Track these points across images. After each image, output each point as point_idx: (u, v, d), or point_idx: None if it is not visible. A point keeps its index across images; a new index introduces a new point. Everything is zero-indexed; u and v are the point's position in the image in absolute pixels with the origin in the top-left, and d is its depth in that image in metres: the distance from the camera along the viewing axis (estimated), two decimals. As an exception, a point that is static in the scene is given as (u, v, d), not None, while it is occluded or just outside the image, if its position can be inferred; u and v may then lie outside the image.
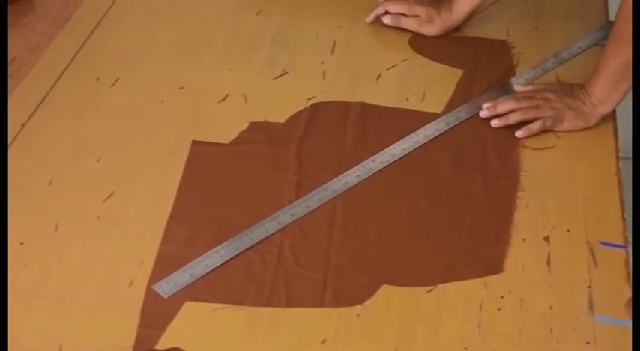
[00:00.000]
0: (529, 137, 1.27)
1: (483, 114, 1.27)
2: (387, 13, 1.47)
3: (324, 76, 1.40)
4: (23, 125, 1.29)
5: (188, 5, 1.59)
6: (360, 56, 1.44)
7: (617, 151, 1.26)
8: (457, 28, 1.50)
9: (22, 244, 1.11)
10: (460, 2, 1.44)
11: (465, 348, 1.00)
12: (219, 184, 1.20)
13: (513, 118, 1.26)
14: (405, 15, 1.46)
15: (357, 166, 1.23)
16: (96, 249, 1.11)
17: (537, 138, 1.28)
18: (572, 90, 1.28)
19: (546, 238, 1.13)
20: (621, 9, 1.21)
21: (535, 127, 1.25)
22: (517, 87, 1.33)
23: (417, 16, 1.46)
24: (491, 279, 1.08)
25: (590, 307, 1.04)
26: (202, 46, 1.48)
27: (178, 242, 1.11)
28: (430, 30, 1.46)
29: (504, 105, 1.27)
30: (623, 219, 1.15)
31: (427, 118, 1.31)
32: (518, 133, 1.25)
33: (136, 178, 1.21)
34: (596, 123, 1.27)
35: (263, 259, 1.09)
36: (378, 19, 1.48)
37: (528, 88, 1.32)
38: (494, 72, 1.40)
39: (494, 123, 1.26)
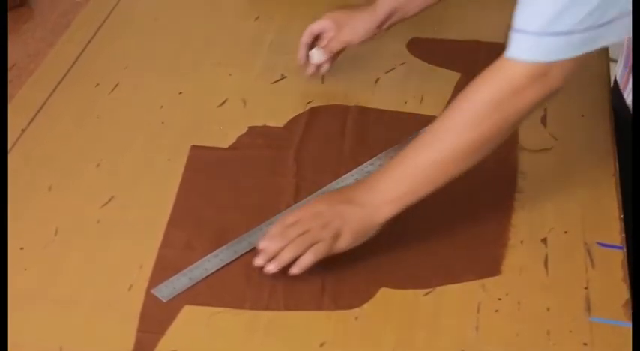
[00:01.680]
0: (526, 138, 1.27)
1: (257, 262, 1.06)
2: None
3: (322, 80, 1.40)
4: (23, 131, 1.30)
5: (186, 11, 1.59)
6: (359, 60, 1.45)
7: (615, 152, 1.27)
8: (455, 32, 1.50)
9: (22, 248, 1.11)
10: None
11: (463, 350, 1.00)
12: (219, 189, 1.21)
13: (286, 257, 1.05)
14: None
15: (355, 170, 1.23)
16: (95, 253, 1.12)
17: (535, 139, 1.28)
18: (345, 195, 1.09)
19: (544, 240, 1.13)
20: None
21: (306, 260, 1.05)
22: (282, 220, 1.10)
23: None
24: (489, 281, 1.08)
25: (588, 308, 1.04)
26: (201, 51, 1.48)
27: (177, 246, 1.12)
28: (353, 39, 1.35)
29: (271, 245, 1.06)
30: (621, 220, 1.16)
31: (425, 121, 1.31)
32: (292, 271, 1.05)
33: (136, 183, 1.22)
34: (374, 233, 1.08)
35: (262, 262, 1.09)
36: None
37: (296, 212, 1.09)
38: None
39: (270, 268, 1.05)
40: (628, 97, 1.27)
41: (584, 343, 1.01)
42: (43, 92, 1.38)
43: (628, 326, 1.01)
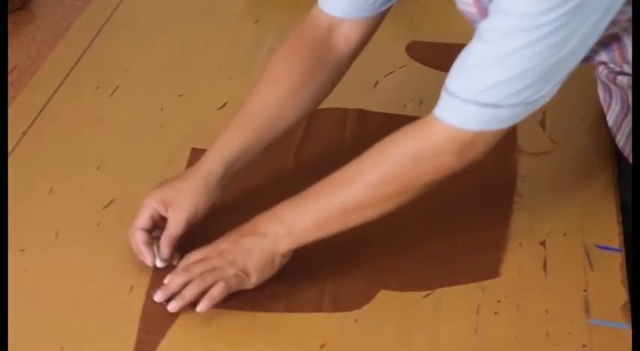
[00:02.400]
0: (525, 142, 1.28)
1: (158, 297, 1.02)
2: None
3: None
4: (24, 133, 1.30)
5: (187, 14, 1.60)
6: (358, 63, 1.44)
7: (614, 154, 1.27)
8: (454, 36, 1.50)
9: (23, 250, 1.12)
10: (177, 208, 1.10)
11: (462, 352, 1.01)
12: (218, 191, 1.21)
13: (189, 293, 1.01)
14: None
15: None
16: (96, 255, 1.12)
17: (534, 142, 1.29)
18: (250, 226, 1.06)
19: (543, 243, 1.14)
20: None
21: (216, 292, 1.01)
22: (187, 258, 1.06)
23: None
24: (488, 283, 1.08)
25: (586, 310, 1.05)
26: (201, 54, 1.49)
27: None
28: None
29: (174, 280, 1.03)
30: (619, 222, 1.16)
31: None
32: (200, 307, 1.01)
33: (136, 186, 1.22)
34: (281, 262, 1.04)
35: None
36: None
37: (202, 250, 1.06)
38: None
39: (172, 307, 1.01)
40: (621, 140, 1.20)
41: (584, 345, 1.01)
42: (43, 95, 1.38)
43: (627, 328, 1.02)
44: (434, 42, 1.52)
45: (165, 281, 1.04)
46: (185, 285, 1.03)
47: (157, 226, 1.09)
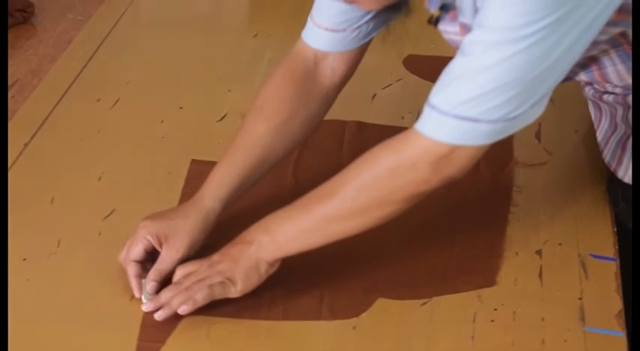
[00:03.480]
0: (521, 153, 1.29)
1: (146, 307, 1.05)
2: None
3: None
4: (26, 145, 1.32)
5: (187, 28, 1.62)
6: (356, 76, 1.45)
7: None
8: (451, 49, 1.52)
9: (25, 260, 1.13)
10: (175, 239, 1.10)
11: (459, 359, 1.02)
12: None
13: (176, 302, 1.03)
14: None
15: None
16: (97, 265, 1.13)
17: (529, 154, 1.30)
18: (240, 237, 1.07)
19: (538, 252, 1.15)
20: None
21: (199, 296, 1.03)
22: (179, 269, 1.08)
23: None
24: (485, 292, 1.09)
25: (582, 318, 1.06)
26: (201, 67, 1.51)
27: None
28: None
29: (165, 293, 1.05)
30: (614, 232, 1.17)
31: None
32: (181, 309, 1.03)
33: (137, 196, 1.23)
34: (267, 271, 1.05)
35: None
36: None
37: (192, 264, 1.07)
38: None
39: (159, 315, 1.03)
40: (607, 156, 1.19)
41: (579, 353, 1.02)
42: (45, 107, 1.40)
43: (622, 336, 1.03)
44: (430, 55, 1.53)
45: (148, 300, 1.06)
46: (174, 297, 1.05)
47: (150, 253, 1.09)
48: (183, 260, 1.08)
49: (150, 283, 1.07)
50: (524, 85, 0.92)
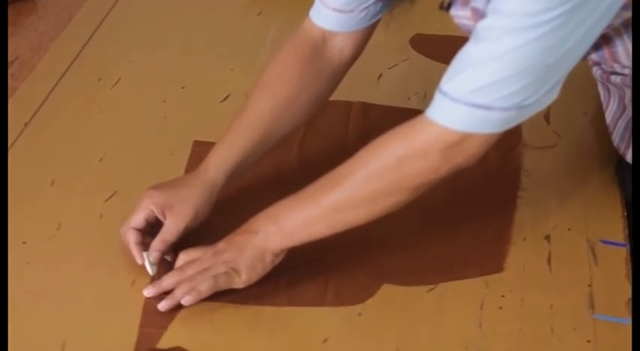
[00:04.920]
0: (530, 136, 1.27)
1: (148, 292, 1.03)
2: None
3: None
4: (26, 125, 1.30)
5: (189, 6, 1.59)
6: (362, 56, 1.44)
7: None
8: (459, 28, 1.50)
9: (24, 243, 1.11)
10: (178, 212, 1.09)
11: (466, 347, 1.00)
12: (221, 184, 1.20)
13: (180, 293, 1.02)
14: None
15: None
16: (98, 248, 1.11)
17: (538, 136, 1.28)
18: (246, 225, 1.06)
19: (547, 237, 1.13)
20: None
21: (203, 287, 1.02)
22: (183, 255, 1.06)
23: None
24: (493, 278, 1.08)
25: (591, 305, 1.04)
26: (204, 46, 1.48)
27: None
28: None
29: (168, 280, 1.03)
30: (624, 217, 1.15)
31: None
32: (184, 300, 1.02)
33: (138, 178, 1.21)
34: (273, 261, 1.04)
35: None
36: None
37: (196, 251, 1.06)
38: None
39: (163, 306, 1.02)
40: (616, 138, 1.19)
41: (588, 341, 1.01)
42: (45, 86, 1.38)
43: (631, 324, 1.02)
44: (437, 34, 1.51)
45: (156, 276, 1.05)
46: (177, 284, 1.03)
47: (151, 225, 1.08)
48: (187, 232, 1.07)
49: (153, 253, 1.06)
50: (538, 73, 0.90)
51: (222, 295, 1.04)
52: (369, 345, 1.01)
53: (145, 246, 1.07)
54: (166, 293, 1.04)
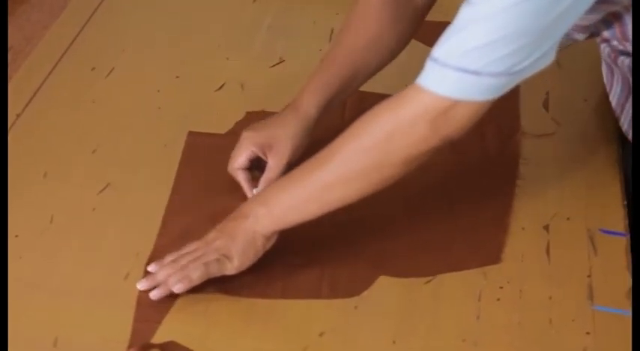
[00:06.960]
0: (528, 123, 1.25)
1: (142, 286, 1.03)
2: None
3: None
4: (18, 115, 1.28)
5: (184, -7, 1.57)
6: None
7: (618, 136, 1.25)
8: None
9: (17, 236, 1.10)
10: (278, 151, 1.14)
11: (464, 339, 0.99)
12: (216, 175, 1.19)
13: (172, 281, 1.01)
14: None
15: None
16: (91, 241, 1.10)
17: (537, 124, 1.26)
18: (237, 210, 1.05)
19: (546, 227, 1.12)
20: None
21: (194, 274, 1.01)
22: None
23: None
24: (490, 269, 1.07)
25: (590, 296, 1.03)
26: (198, 34, 1.46)
27: (174, 234, 1.10)
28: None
29: (161, 272, 1.03)
30: (624, 206, 1.14)
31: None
32: (175, 288, 1.01)
33: (132, 170, 1.20)
34: (264, 245, 1.03)
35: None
36: None
37: (190, 244, 1.05)
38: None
39: (154, 294, 1.01)
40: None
41: (587, 333, 1.00)
42: (38, 76, 1.36)
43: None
44: (436, 21, 1.48)
45: (150, 269, 1.04)
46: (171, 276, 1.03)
47: (253, 163, 1.14)
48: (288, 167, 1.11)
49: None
50: (529, 36, 0.89)
51: (215, 286, 1.03)
52: (366, 338, 1.00)
53: (254, 182, 1.13)
54: None
